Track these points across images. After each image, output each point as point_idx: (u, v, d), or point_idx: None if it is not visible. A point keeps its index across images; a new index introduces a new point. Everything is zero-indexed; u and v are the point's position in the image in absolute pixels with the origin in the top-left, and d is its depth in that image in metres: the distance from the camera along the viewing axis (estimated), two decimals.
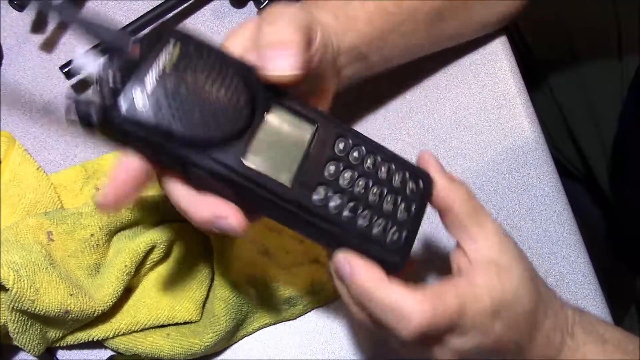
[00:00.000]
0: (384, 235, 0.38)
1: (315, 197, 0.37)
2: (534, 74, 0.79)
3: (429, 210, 0.41)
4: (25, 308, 0.45)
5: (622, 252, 0.79)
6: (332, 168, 0.37)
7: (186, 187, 0.37)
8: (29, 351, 0.49)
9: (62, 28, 0.62)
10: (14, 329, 0.47)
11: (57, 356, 0.52)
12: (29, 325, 0.47)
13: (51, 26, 0.62)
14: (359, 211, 0.38)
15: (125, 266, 0.49)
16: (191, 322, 0.51)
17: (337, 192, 0.37)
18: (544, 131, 0.60)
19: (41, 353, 0.49)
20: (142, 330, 0.50)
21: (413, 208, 0.39)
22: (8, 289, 0.45)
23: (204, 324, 0.51)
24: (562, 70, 0.79)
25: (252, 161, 0.36)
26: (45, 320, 0.48)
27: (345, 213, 0.37)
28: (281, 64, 0.36)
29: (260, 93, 0.37)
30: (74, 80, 0.58)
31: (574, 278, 0.55)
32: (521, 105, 0.59)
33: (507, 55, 0.61)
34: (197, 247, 0.52)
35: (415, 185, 0.40)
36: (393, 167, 0.39)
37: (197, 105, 0.35)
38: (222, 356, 0.53)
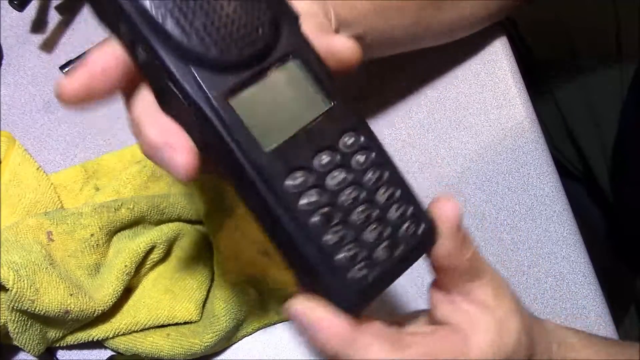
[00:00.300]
0: (348, 265, 0.31)
1: (289, 181, 0.30)
2: (534, 74, 0.79)
3: None
4: (25, 308, 0.45)
5: (622, 252, 0.79)
6: (325, 158, 0.31)
7: (153, 102, 0.31)
8: (29, 351, 0.49)
9: (62, 28, 0.62)
10: (14, 329, 0.47)
11: (57, 356, 0.52)
12: (29, 325, 0.47)
13: (51, 26, 0.62)
14: (332, 223, 0.31)
15: (125, 266, 0.49)
16: (191, 322, 0.51)
17: (317, 187, 0.31)
18: (544, 131, 0.60)
19: (41, 353, 0.49)
20: (142, 330, 0.50)
21: (397, 252, 0.32)
22: (8, 289, 0.45)
23: (204, 324, 0.51)
24: (562, 70, 0.79)
25: (238, 103, 0.30)
26: (45, 320, 0.48)
27: (315, 218, 0.30)
28: None
29: (287, 37, 0.31)
30: None
31: (574, 278, 0.55)
32: (521, 105, 0.59)
33: (507, 55, 0.61)
34: (197, 247, 0.52)
35: (413, 230, 0.33)
36: (397, 195, 0.33)
37: (204, 5, 0.29)
38: (222, 356, 0.53)
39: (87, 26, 0.62)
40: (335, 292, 0.31)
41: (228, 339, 0.52)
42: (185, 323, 0.51)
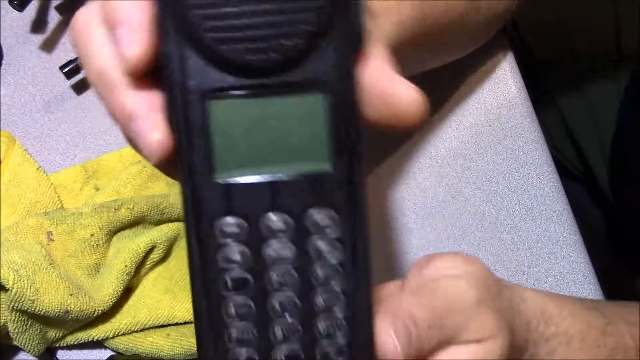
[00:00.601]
0: (234, 347, 0.26)
1: (219, 221, 0.25)
2: (534, 74, 0.79)
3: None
4: (25, 308, 0.45)
5: (622, 252, 0.79)
6: (276, 221, 0.25)
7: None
8: (29, 351, 0.49)
9: (62, 28, 0.62)
10: (14, 329, 0.47)
11: (57, 356, 0.52)
12: (29, 325, 0.47)
13: (51, 26, 0.62)
14: (241, 292, 0.25)
15: (125, 266, 0.49)
16: (191, 322, 0.51)
17: (246, 246, 0.25)
18: (543, 131, 0.60)
19: (41, 353, 0.49)
20: (142, 330, 0.50)
21: None
22: (8, 289, 0.45)
23: None
24: (562, 70, 0.79)
25: (217, 109, 0.24)
26: (45, 320, 0.48)
27: (226, 278, 0.25)
28: None
29: (326, 60, 0.24)
30: (73, 80, 0.58)
31: (574, 278, 0.55)
32: (521, 105, 0.59)
33: (507, 55, 0.61)
34: None
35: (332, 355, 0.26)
36: (336, 312, 0.26)
37: None
38: None
39: None
40: None
41: None
42: (185, 323, 0.51)
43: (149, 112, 0.25)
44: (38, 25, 0.62)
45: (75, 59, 0.57)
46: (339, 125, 0.25)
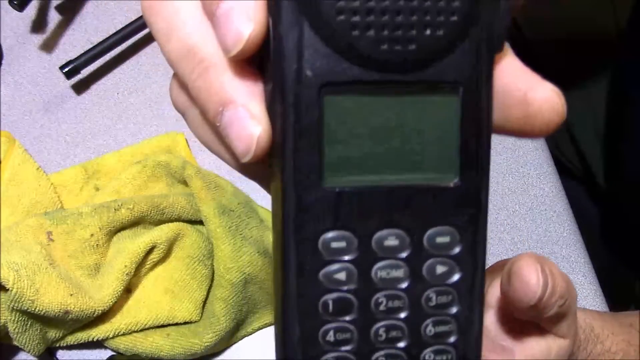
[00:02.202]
0: None
1: (326, 235, 0.22)
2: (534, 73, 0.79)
3: None
4: (25, 308, 0.45)
5: (622, 252, 0.79)
6: (392, 242, 0.22)
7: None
8: (29, 351, 0.49)
9: (62, 28, 0.62)
10: (14, 329, 0.47)
11: (57, 356, 0.52)
12: (29, 325, 0.47)
13: (51, 26, 0.62)
14: (342, 319, 0.23)
15: (125, 266, 0.49)
16: (191, 322, 0.51)
17: (354, 266, 0.22)
18: None
19: (41, 353, 0.49)
20: (142, 330, 0.50)
21: None
22: (8, 289, 0.45)
23: (204, 324, 0.51)
24: (561, 70, 0.79)
25: (333, 105, 0.21)
26: (45, 320, 0.48)
27: (327, 299, 0.22)
28: None
29: (465, 57, 0.21)
30: (73, 80, 0.58)
31: (574, 278, 0.55)
32: None
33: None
34: (197, 247, 0.52)
35: None
36: (449, 340, 0.23)
37: None
38: (222, 356, 0.53)
39: (87, 26, 0.62)
40: None
41: (228, 339, 0.52)
42: (185, 323, 0.51)
43: (250, 100, 0.21)
44: (38, 25, 0.62)
45: (76, 59, 0.57)
46: (471, 134, 0.22)
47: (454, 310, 0.23)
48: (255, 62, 0.22)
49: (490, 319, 0.35)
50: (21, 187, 0.52)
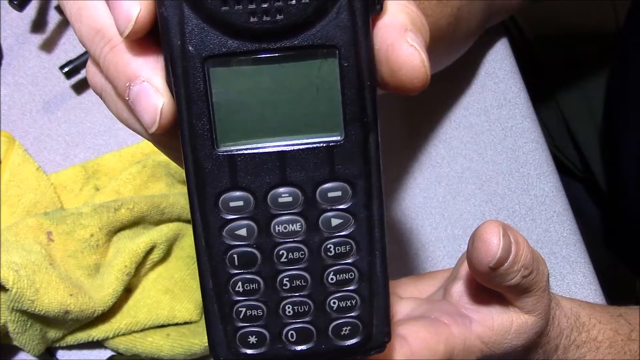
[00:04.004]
0: (241, 324, 0.25)
1: (224, 196, 0.24)
2: (534, 74, 0.79)
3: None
4: (25, 308, 0.45)
5: (622, 252, 0.79)
6: (285, 197, 0.24)
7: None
8: (29, 351, 0.49)
9: (62, 28, 0.62)
10: (14, 329, 0.47)
11: (57, 356, 0.52)
12: (29, 325, 0.47)
13: (51, 26, 0.62)
14: (248, 271, 0.24)
15: (125, 266, 0.49)
16: (191, 322, 0.51)
17: (254, 222, 0.24)
18: (544, 131, 0.60)
19: (41, 353, 0.49)
20: (142, 330, 0.50)
21: (307, 346, 0.25)
22: (8, 289, 0.45)
23: (204, 324, 0.51)
24: (562, 70, 0.79)
25: (217, 75, 0.22)
26: (45, 320, 0.48)
27: (232, 255, 0.24)
28: None
29: (339, 20, 0.22)
30: (73, 80, 0.58)
31: (574, 278, 0.55)
32: (521, 105, 0.59)
33: (507, 55, 0.61)
34: None
35: (346, 333, 0.25)
36: (350, 287, 0.25)
37: None
38: None
39: None
40: (215, 344, 0.26)
41: None
42: (185, 323, 0.51)
43: (154, 75, 0.23)
44: (38, 25, 0.62)
45: (76, 59, 0.57)
46: (351, 92, 0.23)
47: (353, 259, 0.24)
48: (157, 40, 0.23)
49: (456, 288, 0.35)
50: (21, 187, 0.52)
